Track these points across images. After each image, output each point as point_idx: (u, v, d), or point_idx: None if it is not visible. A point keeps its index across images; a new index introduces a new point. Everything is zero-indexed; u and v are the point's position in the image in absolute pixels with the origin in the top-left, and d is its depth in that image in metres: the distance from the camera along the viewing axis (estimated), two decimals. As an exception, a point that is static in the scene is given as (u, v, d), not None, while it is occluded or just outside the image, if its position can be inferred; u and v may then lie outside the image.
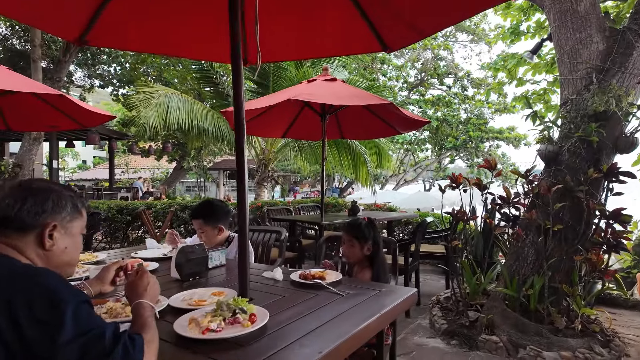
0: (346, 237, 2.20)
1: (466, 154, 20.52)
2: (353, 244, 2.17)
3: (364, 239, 2.15)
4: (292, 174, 18.77)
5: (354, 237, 2.16)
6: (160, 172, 20.37)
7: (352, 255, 2.19)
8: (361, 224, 2.19)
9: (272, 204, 6.90)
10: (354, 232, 2.17)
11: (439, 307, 3.77)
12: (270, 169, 9.61)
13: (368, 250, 2.16)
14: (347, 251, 2.20)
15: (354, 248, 2.16)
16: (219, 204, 2.60)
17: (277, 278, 1.87)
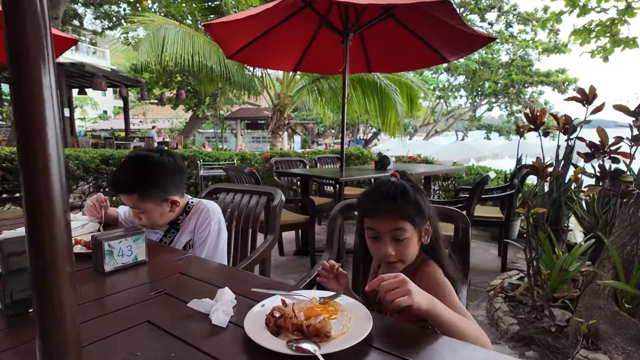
0: (383, 224, 1.00)
1: (505, 102, 18.53)
2: (401, 236, 0.99)
3: (421, 215, 1.02)
4: (312, 122, 17.52)
5: (401, 220, 0.99)
6: (178, 122, 19.58)
7: (403, 256, 1.01)
8: (408, 191, 1.01)
9: (284, 155, 5.84)
10: (401, 209, 1.00)
11: (504, 297, 2.71)
12: (287, 115, 8.44)
13: (427, 235, 1.06)
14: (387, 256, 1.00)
15: (403, 244, 1.00)
16: (159, 159, 1.45)
17: (216, 321, 0.81)
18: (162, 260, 1.24)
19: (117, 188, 1.42)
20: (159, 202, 1.45)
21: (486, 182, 2.90)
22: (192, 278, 1.08)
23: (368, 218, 1.03)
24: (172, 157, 1.50)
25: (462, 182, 5.22)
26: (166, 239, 1.55)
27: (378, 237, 1.02)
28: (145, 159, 1.43)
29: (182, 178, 1.54)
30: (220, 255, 1.53)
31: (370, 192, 1.06)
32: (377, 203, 1.01)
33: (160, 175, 1.43)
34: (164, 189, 1.46)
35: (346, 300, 0.87)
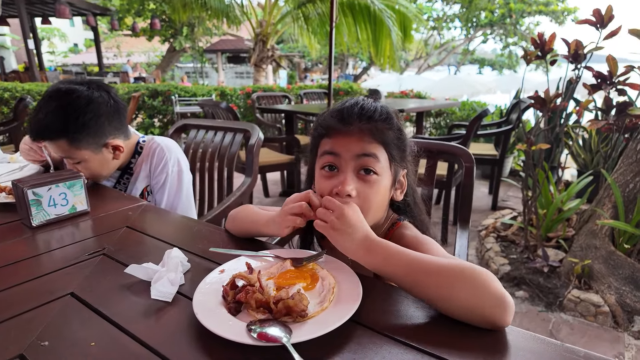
0: (350, 145, 0.72)
1: (500, 34, 17.68)
2: (371, 165, 0.72)
3: (401, 153, 0.77)
4: (299, 55, 16.55)
5: (376, 143, 0.72)
6: (155, 56, 18.37)
7: (366, 202, 0.72)
8: (391, 115, 0.76)
9: (267, 90, 5.46)
10: (379, 130, 0.73)
11: (495, 237, 2.63)
12: (270, 47, 7.85)
13: (400, 188, 0.80)
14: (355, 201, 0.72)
15: (371, 182, 0.72)
16: (88, 95, 1.13)
17: (157, 294, 0.62)
18: (109, 211, 1.02)
19: (39, 133, 1.11)
20: (96, 149, 1.17)
21: (484, 117, 2.68)
22: (142, 233, 0.88)
23: (328, 138, 0.73)
24: (106, 91, 1.18)
25: (455, 118, 5.00)
26: (120, 186, 1.32)
27: (335, 166, 0.71)
28: (71, 94, 1.11)
29: (122, 117, 1.24)
30: (186, 202, 1.32)
31: (335, 107, 0.76)
32: (344, 116, 0.71)
33: (93, 115, 1.13)
34: (101, 131, 1.16)
35: (330, 262, 0.68)
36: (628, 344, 1.81)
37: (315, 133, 0.78)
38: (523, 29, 16.87)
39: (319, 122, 0.77)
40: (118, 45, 18.85)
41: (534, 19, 16.79)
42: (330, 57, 3.60)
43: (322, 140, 0.75)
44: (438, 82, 10.12)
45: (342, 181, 0.70)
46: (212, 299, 0.58)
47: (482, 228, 2.84)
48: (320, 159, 0.74)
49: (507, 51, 18.34)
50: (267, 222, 0.76)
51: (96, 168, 1.20)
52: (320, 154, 0.74)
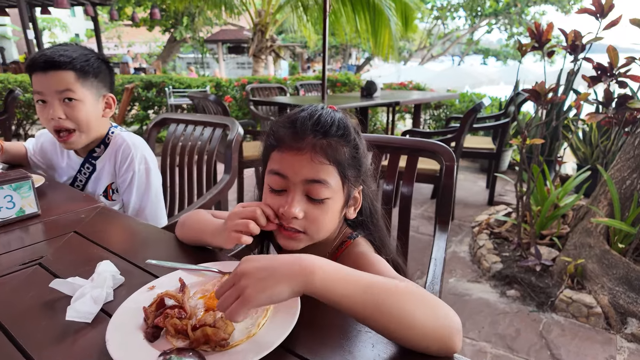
0: (298, 165, 0.65)
1: (505, 23, 17.36)
2: (318, 193, 0.65)
3: (356, 170, 0.69)
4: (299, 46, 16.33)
5: (327, 164, 0.64)
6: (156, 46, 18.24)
7: (313, 225, 0.67)
8: (349, 127, 0.68)
9: (262, 81, 5.37)
10: (332, 147, 0.65)
11: (489, 234, 2.56)
12: (269, 37, 7.73)
13: (354, 204, 0.74)
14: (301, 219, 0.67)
15: (320, 206, 0.66)
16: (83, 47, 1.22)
17: (73, 315, 0.56)
18: (62, 213, 0.97)
19: (48, 62, 1.09)
20: (95, 95, 1.19)
21: (479, 110, 2.60)
22: (89, 241, 0.83)
23: (278, 152, 0.67)
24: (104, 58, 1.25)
25: (455, 111, 4.90)
26: (81, 176, 1.27)
27: (283, 186, 0.66)
28: (76, 44, 1.20)
29: (113, 85, 1.29)
30: (155, 201, 1.27)
31: (289, 115, 0.69)
32: (297, 129, 0.64)
33: (99, 61, 1.20)
34: (104, 82, 1.22)
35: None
36: (620, 347, 1.75)
37: (267, 141, 0.71)
38: (528, 19, 16.56)
39: (271, 129, 0.70)
40: (119, 35, 18.73)
41: (539, 8, 16.47)
42: (324, 48, 3.52)
43: (273, 152, 0.68)
44: (440, 73, 9.97)
45: (289, 202, 0.65)
46: (131, 322, 0.53)
47: (476, 224, 2.78)
48: (268, 175, 0.68)
49: (512, 41, 18.04)
50: (214, 233, 0.70)
51: (87, 115, 1.17)
52: (268, 170, 0.68)
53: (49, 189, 1.14)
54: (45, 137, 1.36)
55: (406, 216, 1.24)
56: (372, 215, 0.77)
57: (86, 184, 1.26)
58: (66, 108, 1.14)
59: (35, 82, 1.13)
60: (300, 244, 0.68)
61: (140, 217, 1.24)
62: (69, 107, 1.14)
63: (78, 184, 1.26)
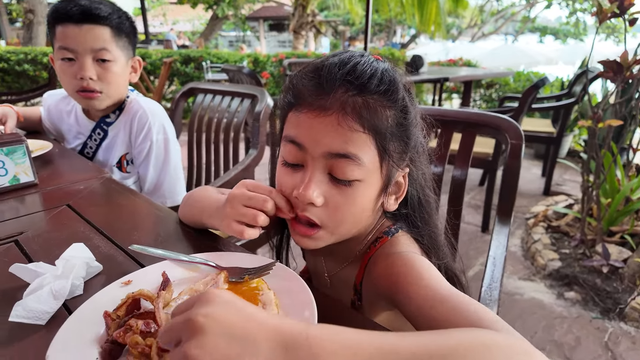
0: (319, 129, 0.46)
1: (569, -4, 15.86)
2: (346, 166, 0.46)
3: (403, 141, 0.50)
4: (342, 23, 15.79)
5: (358, 128, 0.45)
6: (199, 24, 18.40)
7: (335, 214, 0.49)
8: (396, 82, 0.48)
9: (300, 56, 5.17)
10: (368, 108, 0.46)
11: (545, 227, 2.28)
12: (310, 12, 7.47)
13: (399, 191, 0.54)
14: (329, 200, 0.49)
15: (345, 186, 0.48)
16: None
17: (19, 315, 0.42)
18: (60, 184, 0.86)
19: (85, 13, 0.97)
20: (126, 56, 1.08)
21: (541, 87, 2.28)
22: (80, 216, 0.70)
23: (294, 112, 0.49)
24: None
25: (509, 90, 4.48)
26: (91, 142, 1.15)
27: (300, 160, 0.49)
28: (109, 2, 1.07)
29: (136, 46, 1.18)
30: (174, 175, 1.15)
31: (315, 62, 0.50)
32: (322, 80, 0.46)
33: (129, 20, 1.09)
34: (133, 41, 1.12)
35: (285, 280, 0.46)
36: None
37: (284, 98, 0.52)
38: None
39: (290, 81, 0.52)
40: (164, 13, 19.05)
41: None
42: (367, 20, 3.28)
43: (290, 112, 0.50)
44: (492, 51, 9.29)
45: (306, 183, 0.47)
46: (89, 331, 0.39)
47: (531, 216, 2.49)
48: (283, 144, 0.51)
49: (573, 18, 16.52)
50: (211, 213, 0.55)
51: (117, 78, 1.07)
52: (283, 137, 0.51)
53: (57, 156, 1.05)
54: (51, 99, 1.26)
55: (456, 205, 1.03)
56: (422, 208, 0.57)
57: (96, 152, 1.15)
58: (98, 68, 1.02)
59: (62, 35, 0.99)
60: (319, 243, 0.51)
61: (158, 192, 1.13)
62: (102, 67, 1.03)
63: (88, 150, 1.16)
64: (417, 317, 0.41)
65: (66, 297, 0.46)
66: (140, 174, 1.13)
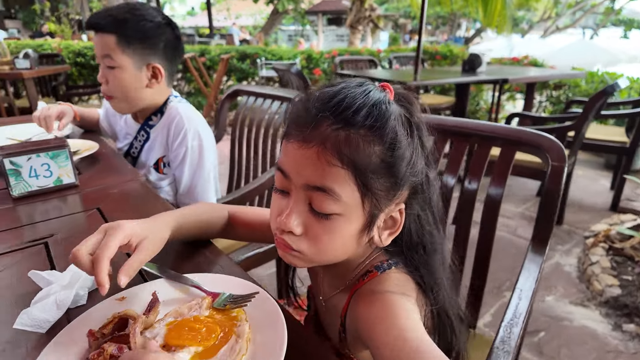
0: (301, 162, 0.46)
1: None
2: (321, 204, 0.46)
3: (391, 180, 0.47)
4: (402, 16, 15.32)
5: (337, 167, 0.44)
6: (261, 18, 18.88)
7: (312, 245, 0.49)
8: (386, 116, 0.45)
9: (354, 53, 5.10)
10: (350, 143, 0.44)
11: (606, 249, 2.07)
12: (368, 6, 7.36)
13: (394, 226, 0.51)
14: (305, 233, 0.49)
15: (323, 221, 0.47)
16: (154, 12, 1.12)
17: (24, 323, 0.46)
18: (98, 185, 0.93)
19: (94, 22, 1.07)
20: (137, 63, 1.10)
21: (610, 93, 2.05)
22: (106, 221, 0.76)
23: (285, 139, 0.49)
24: (171, 23, 1.16)
25: (579, 93, 4.10)
26: (136, 142, 1.23)
27: (286, 187, 0.49)
28: (143, 6, 1.11)
29: (176, 56, 1.19)
30: (206, 181, 1.19)
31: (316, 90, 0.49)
32: (309, 111, 0.46)
33: (152, 26, 1.09)
34: (151, 48, 1.11)
35: (263, 309, 0.46)
36: None
37: (284, 123, 0.53)
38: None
39: (290, 107, 0.52)
40: (228, 8, 19.79)
41: None
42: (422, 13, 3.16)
43: (284, 138, 0.50)
44: (563, 47, 8.53)
45: (287, 212, 0.48)
46: (73, 351, 0.41)
47: (591, 234, 2.28)
48: (275, 169, 0.52)
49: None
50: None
51: (126, 83, 1.11)
52: (276, 162, 0.52)
53: (102, 157, 1.13)
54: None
55: (490, 225, 0.97)
56: (421, 245, 0.53)
57: (140, 153, 1.23)
58: (107, 73, 1.10)
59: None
60: (298, 263, 0.51)
61: (191, 194, 1.18)
62: (110, 73, 1.10)
63: (133, 151, 1.24)
64: None
65: (70, 306, 0.50)
66: (176, 176, 1.19)
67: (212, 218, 0.68)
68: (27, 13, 12.42)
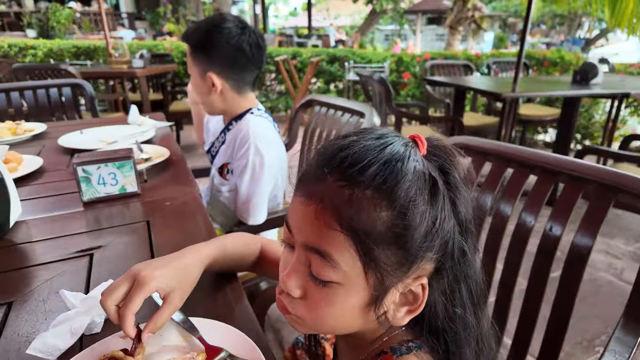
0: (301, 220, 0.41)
1: None
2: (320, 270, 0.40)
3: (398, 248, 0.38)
4: (509, 14, 13.94)
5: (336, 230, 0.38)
6: (359, 18, 18.91)
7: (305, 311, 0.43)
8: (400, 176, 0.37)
9: (448, 57, 4.79)
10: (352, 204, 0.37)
11: None
12: (472, 5, 6.88)
13: (414, 302, 0.42)
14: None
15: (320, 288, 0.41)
16: (231, 25, 1.14)
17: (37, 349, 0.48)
18: (156, 196, 0.98)
19: (183, 34, 1.21)
20: (201, 72, 1.18)
21: None
22: (149, 240, 0.79)
23: (296, 193, 0.44)
24: (251, 34, 1.17)
25: None
26: (217, 142, 1.33)
27: (291, 241, 0.44)
28: (223, 17, 1.17)
29: (246, 70, 1.21)
30: (261, 195, 1.20)
31: (330, 141, 0.43)
32: (317, 165, 0.41)
33: (221, 38, 1.13)
34: (212, 60, 1.16)
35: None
36: None
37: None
38: None
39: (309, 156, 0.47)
40: (327, 8, 20.19)
41: None
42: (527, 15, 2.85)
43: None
44: None
45: (288, 270, 0.43)
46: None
47: None
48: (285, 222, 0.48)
49: None
50: None
51: (196, 89, 1.23)
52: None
53: (171, 165, 1.20)
54: None
55: (573, 280, 0.81)
56: (449, 331, 0.44)
57: (217, 153, 1.31)
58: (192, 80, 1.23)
59: None
60: (298, 328, 0.46)
61: (247, 206, 1.21)
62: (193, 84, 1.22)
63: (213, 149, 1.33)
64: None
65: (84, 333, 0.51)
66: (237, 185, 1.22)
67: (247, 253, 0.67)
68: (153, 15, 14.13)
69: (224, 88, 1.19)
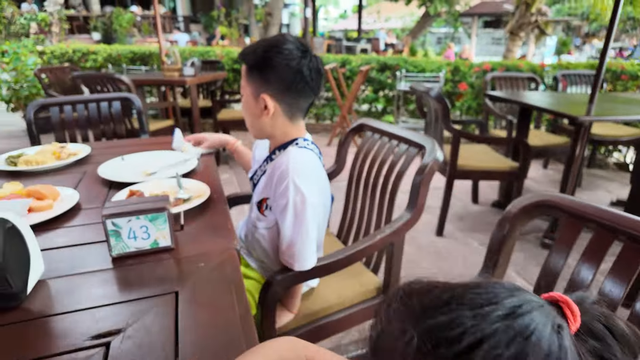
0: None
1: None
2: None
3: None
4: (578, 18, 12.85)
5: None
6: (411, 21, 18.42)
7: None
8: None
9: (510, 68, 4.41)
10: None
11: None
12: (536, 10, 6.39)
13: None
14: None
15: None
16: (290, 48, 1.04)
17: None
18: (190, 253, 0.87)
19: (240, 52, 1.12)
20: (254, 92, 1.09)
21: None
22: (174, 317, 0.67)
23: None
24: (312, 59, 1.07)
25: None
26: (259, 171, 1.21)
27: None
28: (284, 37, 1.07)
29: (300, 98, 1.10)
30: (305, 237, 1.06)
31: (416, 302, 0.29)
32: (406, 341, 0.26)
33: (280, 59, 1.04)
34: (268, 78, 1.06)
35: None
36: None
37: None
38: None
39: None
40: (378, 10, 19.84)
41: None
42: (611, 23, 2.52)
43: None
44: None
45: None
46: None
47: None
48: None
49: None
50: None
51: (245, 109, 1.14)
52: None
53: (211, 205, 1.09)
54: None
55: None
56: None
57: (258, 182, 1.19)
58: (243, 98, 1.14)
59: None
60: None
61: (290, 251, 1.07)
62: (243, 96, 1.13)
63: (255, 177, 1.22)
64: None
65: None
66: (279, 223, 1.10)
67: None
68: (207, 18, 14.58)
69: (276, 111, 1.09)
